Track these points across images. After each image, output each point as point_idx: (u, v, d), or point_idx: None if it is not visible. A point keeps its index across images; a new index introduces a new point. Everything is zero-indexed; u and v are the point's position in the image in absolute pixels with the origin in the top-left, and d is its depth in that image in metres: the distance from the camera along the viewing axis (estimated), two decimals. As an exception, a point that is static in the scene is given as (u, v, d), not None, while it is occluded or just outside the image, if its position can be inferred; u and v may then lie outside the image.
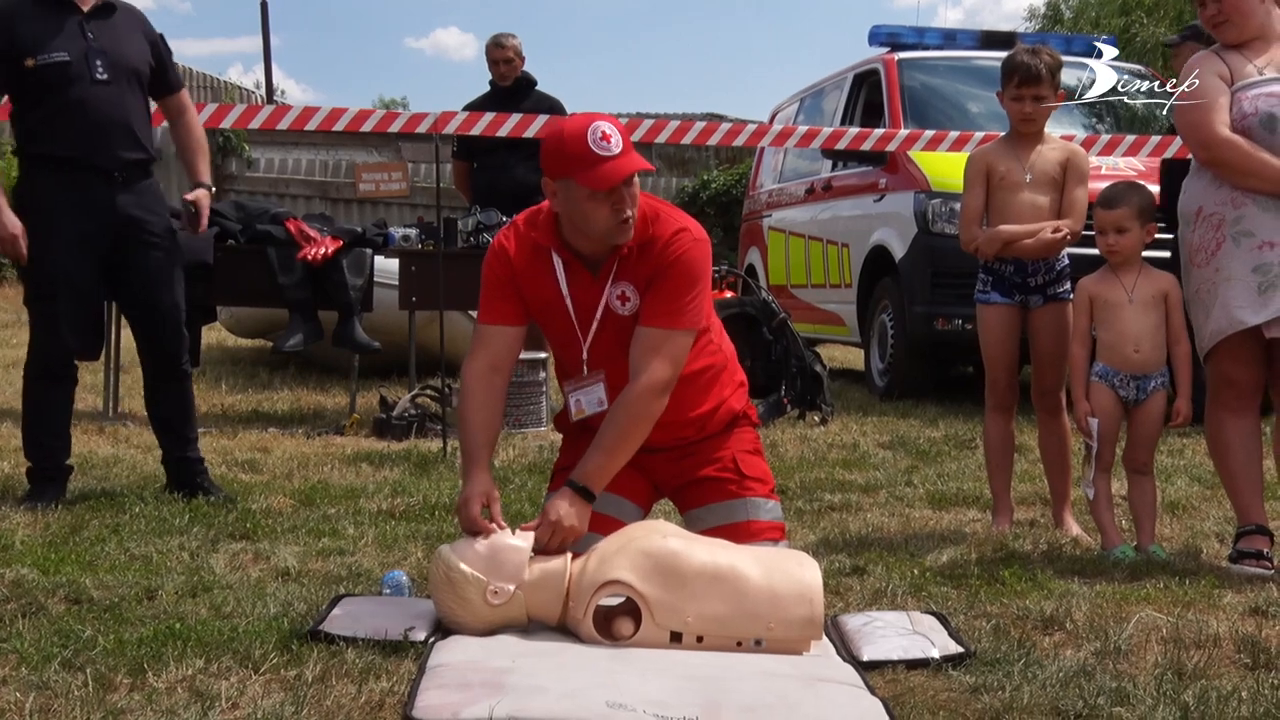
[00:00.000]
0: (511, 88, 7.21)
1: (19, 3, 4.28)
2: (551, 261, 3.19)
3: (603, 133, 3.03)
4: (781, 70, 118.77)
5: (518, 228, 3.26)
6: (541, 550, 3.00)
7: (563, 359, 3.33)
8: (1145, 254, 4.04)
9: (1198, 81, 3.82)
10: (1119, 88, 4.61)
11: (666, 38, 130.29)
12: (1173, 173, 4.59)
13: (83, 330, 4.40)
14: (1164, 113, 4.30)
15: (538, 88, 7.32)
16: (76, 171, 4.26)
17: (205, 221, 4.59)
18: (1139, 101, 4.45)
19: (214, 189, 4.70)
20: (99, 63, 4.25)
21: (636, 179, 3.08)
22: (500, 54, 7.24)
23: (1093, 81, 4.25)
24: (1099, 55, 5.96)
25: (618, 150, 3.03)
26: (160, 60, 4.49)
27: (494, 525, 3.02)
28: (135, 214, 4.35)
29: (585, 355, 3.23)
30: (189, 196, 4.54)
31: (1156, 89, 6.16)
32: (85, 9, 4.31)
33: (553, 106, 7.06)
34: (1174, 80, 3.97)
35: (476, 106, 6.93)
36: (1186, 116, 3.82)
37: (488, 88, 7.34)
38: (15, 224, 4.23)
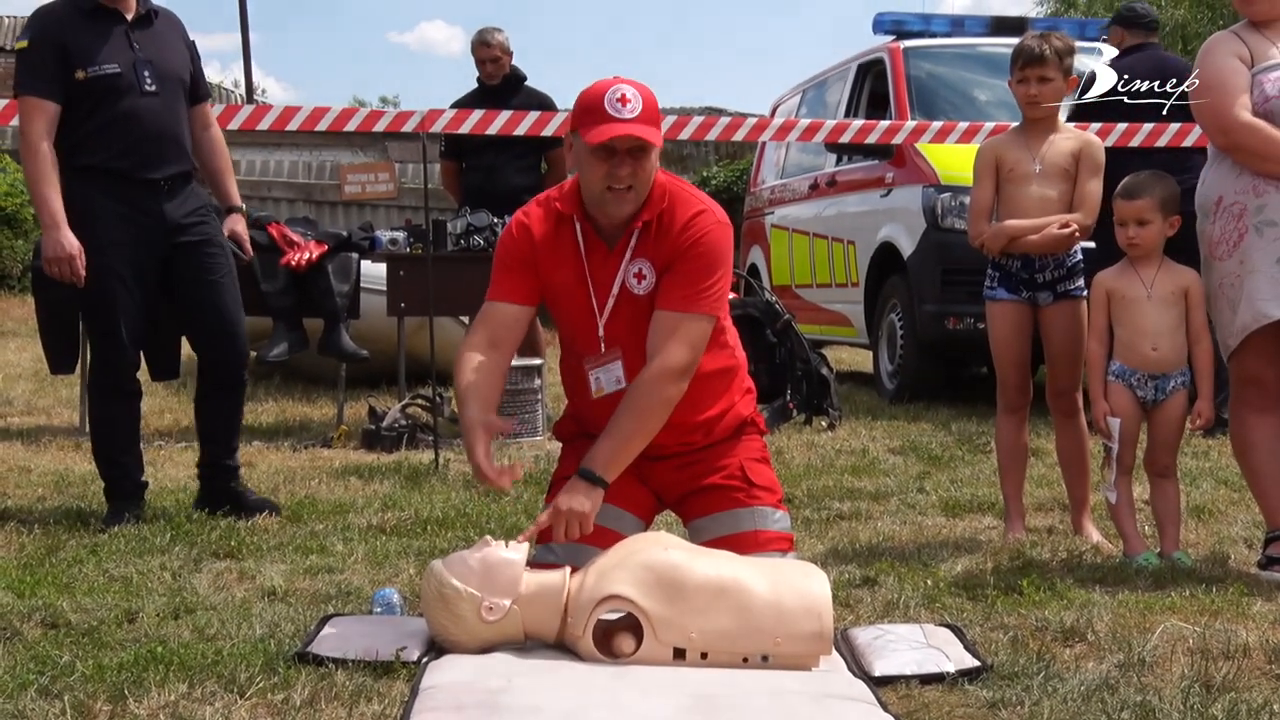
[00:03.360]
0: (500, 86, 7.08)
1: (64, 12, 4.28)
2: (574, 231, 3.17)
3: (622, 95, 3.03)
4: (782, 61, 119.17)
5: (540, 203, 3.24)
6: (551, 539, 2.97)
7: (578, 336, 3.27)
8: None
9: (1197, 82, 3.76)
10: (1119, 87, 4.50)
11: (662, 28, 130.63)
12: (1121, 162, 4.52)
13: (152, 346, 4.40)
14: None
15: (527, 83, 7.18)
16: (125, 183, 4.26)
17: (249, 247, 4.61)
18: (1171, 102, 4.36)
19: (245, 208, 4.71)
20: (147, 73, 4.27)
21: (653, 157, 3.07)
22: (487, 53, 7.10)
23: (1093, 81, 4.16)
24: (1098, 54, 5.88)
25: (631, 115, 3.01)
26: (196, 68, 4.51)
27: (511, 469, 3.00)
28: (184, 220, 4.35)
29: (602, 332, 3.19)
30: (225, 233, 4.54)
31: (1157, 88, 6.06)
32: (129, 17, 4.32)
33: (543, 103, 6.94)
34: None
35: (464, 105, 6.82)
36: (1204, 101, 3.73)
37: (475, 85, 7.22)
38: (74, 243, 4.18)
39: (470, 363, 3.13)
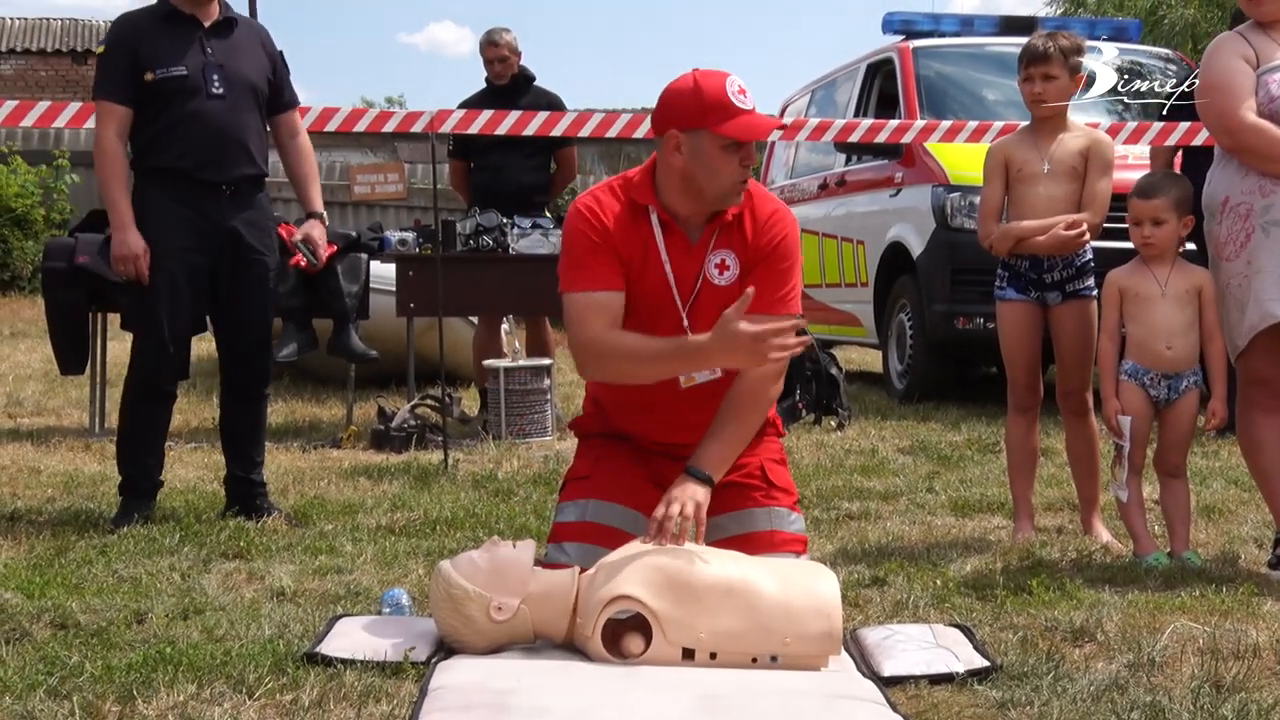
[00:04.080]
0: (508, 86, 7.06)
1: (143, 19, 4.38)
2: (649, 223, 3.14)
3: (739, 86, 3.05)
4: (792, 61, 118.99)
5: (603, 193, 3.18)
6: (659, 533, 2.92)
7: (655, 329, 3.17)
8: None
9: (1198, 82, 3.74)
10: (1119, 88, 4.50)
11: (670, 28, 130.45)
12: (1196, 162, 4.48)
13: (185, 347, 4.43)
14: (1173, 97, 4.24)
15: (536, 83, 7.16)
16: (187, 185, 4.31)
17: (324, 253, 4.66)
18: (1172, 102, 4.35)
19: (325, 215, 4.73)
20: (215, 77, 4.32)
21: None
22: (495, 52, 7.07)
23: (1093, 81, 4.14)
24: (1098, 54, 5.86)
25: (754, 105, 3.06)
26: (278, 76, 4.55)
27: None
28: (240, 230, 4.38)
29: (686, 323, 3.15)
30: (299, 235, 4.61)
31: (1156, 88, 6.04)
32: (207, 24, 4.38)
33: (552, 103, 6.92)
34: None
35: (473, 105, 6.81)
36: (1209, 103, 3.72)
37: (483, 85, 7.20)
38: (139, 243, 4.25)
39: (617, 334, 3.09)
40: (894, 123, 6.77)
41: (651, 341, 3.06)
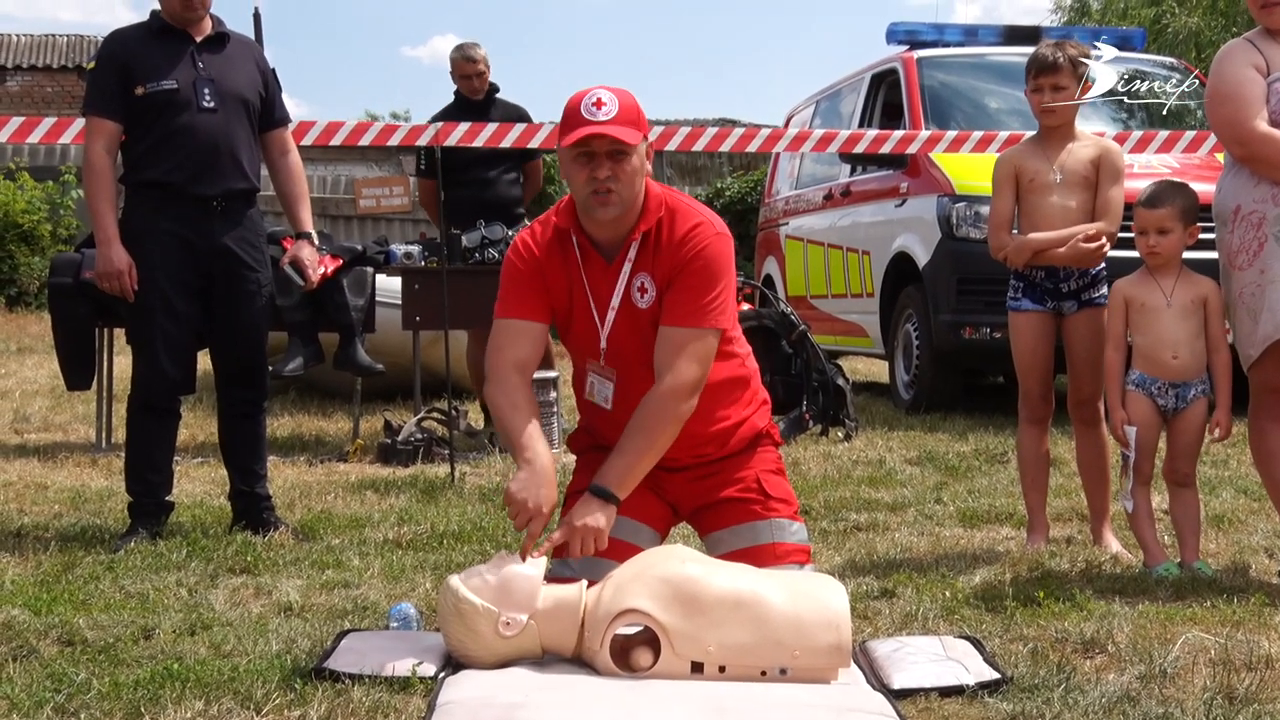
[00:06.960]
0: (483, 100, 7.07)
1: (134, 34, 4.40)
2: (572, 245, 3.18)
3: (597, 99, 3.04)
4: (796, 72, 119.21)
5: (543, 221, 3.26)
6: (566, 554, 2.97)
7: (582, 348, 3.27)
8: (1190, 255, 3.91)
9: (1208, 90, 3.75)
10: (1118, 88, 4.49)
11: (675, 40, 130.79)
12: None
13: (184, 363, 4.42)
14: (1195, 107, 4.22)
15: (499, 95, 7.16)
16: (176, 199, 4.30)
17: (315, 275, 4.63)
18: (1171, 101, 4.34)
19: (315, 236, 4.72)
20: (206, 91, 4.32)
21: (634, 159, 3.05)
22: (472, 68, 7.04)
23: (1093, 82, 4.14)
24: (1099, 57, 5.87)
25: (606, 118, 3.02)
26: (270, 93, 4.55)
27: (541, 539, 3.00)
28: (230, 245, 4.38)
29: (604, 344, 3.19)
30: (287, 259, 4.60)
31: (1156, 89, 6.04)
32: (199, 39, 4.39)
33: (520, 115, 6.98)
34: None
35: (449, 119, 6.80)
36: (1220, 112, 3.70)
37: (452, 99, 7.17)
38: (123, 258, 4.25)
39: (509, 395, 3.13)
40: (899, 133, 6.78)
41: (510, 418, 3.09)
